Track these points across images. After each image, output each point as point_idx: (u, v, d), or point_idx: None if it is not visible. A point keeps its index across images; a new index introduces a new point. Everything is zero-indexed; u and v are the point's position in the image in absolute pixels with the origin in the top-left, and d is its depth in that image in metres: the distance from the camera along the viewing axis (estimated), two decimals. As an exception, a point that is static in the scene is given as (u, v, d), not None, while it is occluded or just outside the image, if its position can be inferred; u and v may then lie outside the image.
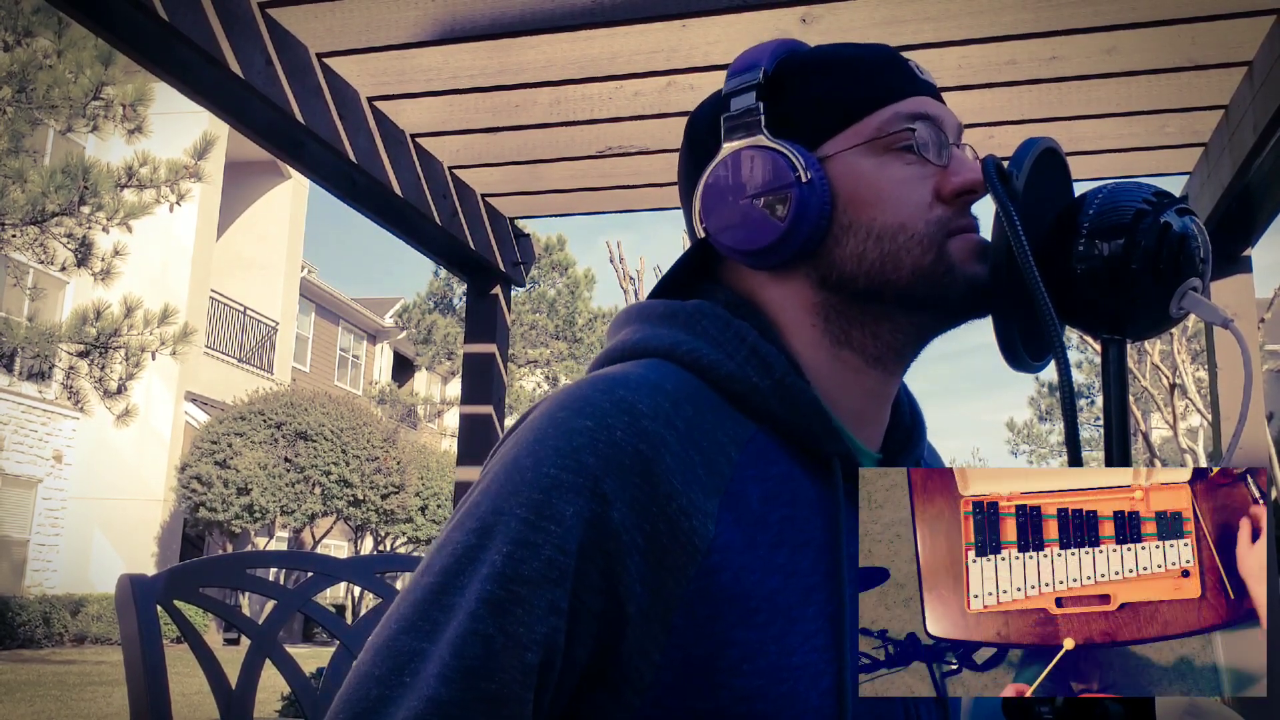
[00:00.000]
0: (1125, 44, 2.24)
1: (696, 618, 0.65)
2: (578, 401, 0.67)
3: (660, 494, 0.65)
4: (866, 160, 0.74)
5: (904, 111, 0.74)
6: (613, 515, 0.63)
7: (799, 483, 0.71)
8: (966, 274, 0.74)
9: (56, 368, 10.09)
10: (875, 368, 0.76)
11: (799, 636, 0.68)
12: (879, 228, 0.73)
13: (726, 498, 0.67)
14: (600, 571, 0.63)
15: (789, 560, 0.69)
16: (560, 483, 0.64)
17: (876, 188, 0.73)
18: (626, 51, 2.30)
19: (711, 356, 0.72)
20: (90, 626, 13.76)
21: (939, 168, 0.74)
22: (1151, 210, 0.70)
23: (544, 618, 0.62)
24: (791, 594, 0.68)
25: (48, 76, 8.62)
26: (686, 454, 0.67)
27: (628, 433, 0.65)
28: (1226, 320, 0.70)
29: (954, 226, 0.74)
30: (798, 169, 0.72)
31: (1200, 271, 0.70)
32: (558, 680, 0.64)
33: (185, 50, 1.94)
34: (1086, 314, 0.71)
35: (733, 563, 0.66)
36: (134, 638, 1.13)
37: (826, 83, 0.76)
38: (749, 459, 0.70)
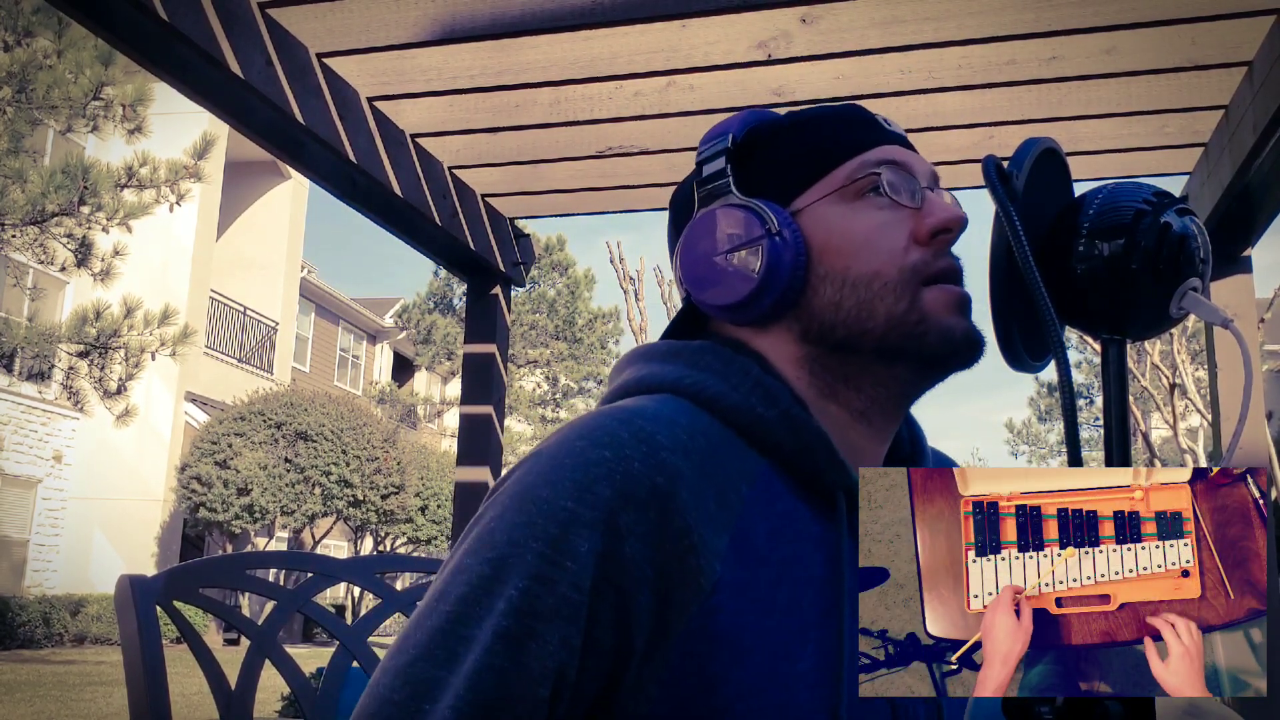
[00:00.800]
0: (1125, 44, 2.24)
1: (692, 656, 0.65)
2: (596, 431, 0.67)
3: (673, 529, 0.65)
4: (837, 209, 0.75)
5: (871, 159, 0.76)
6: (625, 550, 0.64)
7: (803, 520, 0.72)
8: (941, 325, 0.73)
9: (56, 368, 10.09)
10: (862, 423, 0.76)
11: (793, 675, 0.68)
12: (853, 276, 0.73)
13: (735, 535, 0.68)
14: (613, 607, 0.64)
15: (789, 598, 0.69)
16: (577, 517, 0.64)
17: (849, 235, 0.74)
18: (626, 51, 2.30)
19: (717, 388, 0.72)
20: (90, 627, 13.76)
21: (913, 210, 0.75)
22: (1151, 210, 0.70)
23: (556, 652, 0.63)
24: (788, 632, 0.68)
25: (48, 76, 8.62)
26: (701, 487, 0.67)
27: (645, 464, 0.65)
28: (1226, 320, 0.70)
29: (930, 272, 0.74)
30: (768, 222, 0.73)
31: (1200, 271, 0.70)
32: (566, 712, 0.65)
33: (185, 50, 1.94)
34: (1086, 314, 0.71)
35: (732, 605, 0.66)
36: (134, 638, 1.13)
37: (794, 141, 0.78)
38: (757, 494, 0.70)
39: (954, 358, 0.75)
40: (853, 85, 2.42)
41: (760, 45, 2.23)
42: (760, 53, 2.24)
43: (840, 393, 0.76)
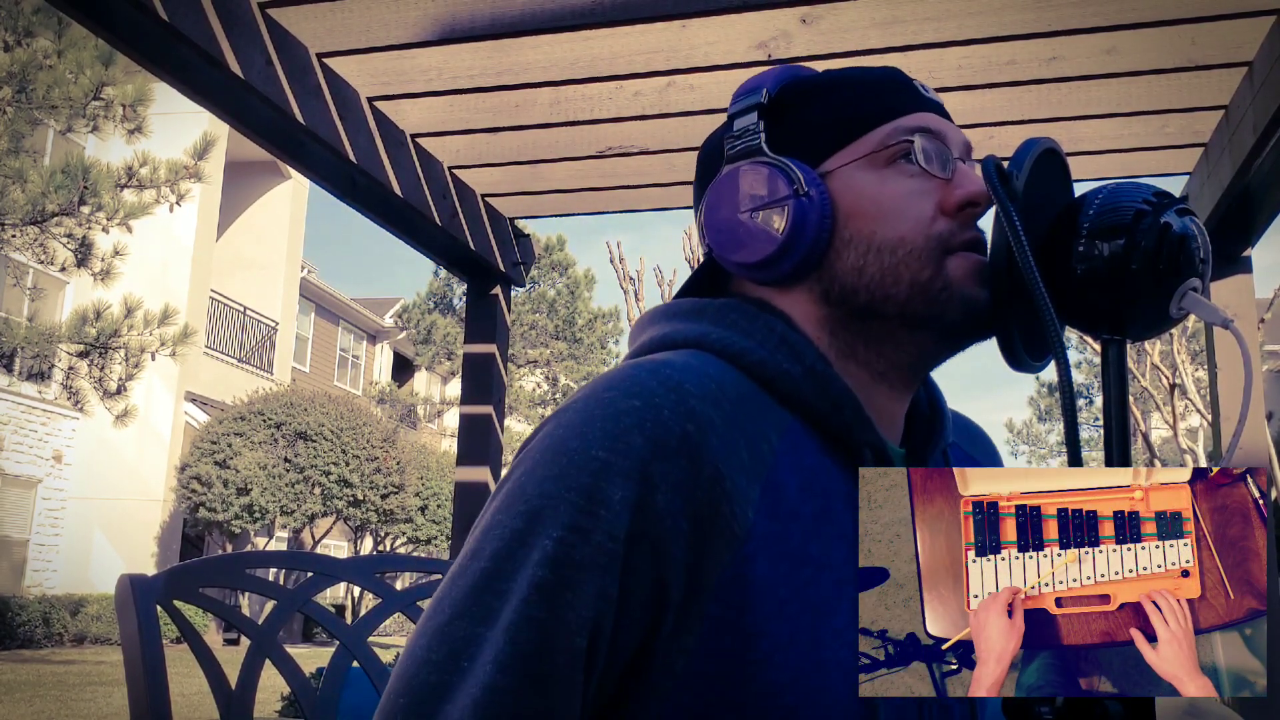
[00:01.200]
0: (1125, 44, 2.24)
1: (729, 607, 0.65)
2: (625, 382, 0.66)
3: (705, 478, 0.64)
4: (868, 174, 0.74)
5: (905, 125, 0.75)
6: (659, 500, 0.63)
7: (831, 475, 0.71)
8: (963, 294, 0.73)
9: (56, 368, 10.09)
10: (881, 384, 0.76)
11: (831, 631, 0.68)
12: (879, 241, 0.73)
13: (767, 485, 0.67)
14: (648, 559, 0.63)
15: (821, 553, 0.69)
16: (609, 466, 0.63)
17: (877, 201, 0.73)
18: (626, 51, 2.30)
19: (742, 344, 0.72)
20: (90, 626, 13.76)
21: (943, 181, 0.74)
22: (1151, 210, 0.70)
23: (593, 603, 0.62)
24: (823, 587, 0.68)
25: (48, 76, 8.62)
26: (732, 437, 0.66)
27: (675, 413, 0.65)
28: (1226, 320, 0.70)
29: (955, 242, 0.74)
30: (796, 181, 0.72)
31: (1200, 272, 0.70)
32: (604, 666, 0.64)
33: (185, 50, 1.94)
34: (1086, 314, 0.71)
35: (767, 552, 0.66)
36: (134, 638, 1.13)
37: (829, 101, 0.76)
38: (787, 447, 0.70)
39: (975, 328, 0.74)
40: (853, 85, 2.42)
41: (760, 45, 2.23)
42: (760, 53, 2.24)
43: (860, 354, 0.75)
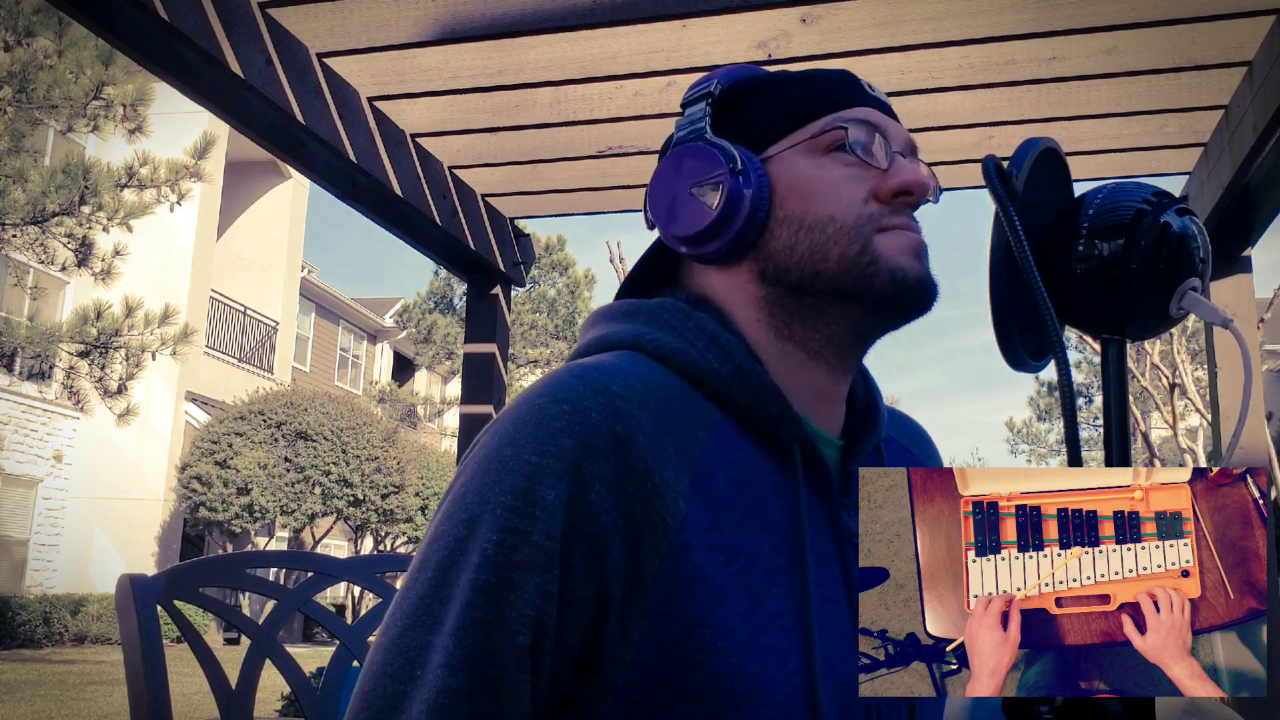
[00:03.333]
0: (1125, 44, 2.24)
1: (669, 597, 0.67)
2: (554, 388, 0.69)
3: (635, 474, 0.67)
4: (805, 159, 0.78)
5: (845, 116, 0.78)
6: (592, 498, 0.66)
7: (761, 468, 0.74)
8: (891, 266, 0.75)
9: (57, 367, 10.09)
10: (818, 362, 0.79)
11: (765, 617, 0.70)
12: (810, 220, 0.76)
13: (695, 478, 0.70)
14: (586, 558, 0.66)
15: (753, 543, 0.71)
16: (542, 469, 0.66)
17: (811, 184, 0.77)
18: (627, 51, 2.30)
19: (674, 345, 0.75)
20: (90, 626, 13.76)
21: (879, 170, 0.77)
22: (1151, 210, 0.70)
23: (533, 600, 0.65)
24: (756, 576, 0.70)
25: (48, 76, 8.62)
26: (659, 434, 0.69)
27: (603, 414, 0.67)
28: (1226, 320, 0.70)
29: (885, 224, 0.76)
30: (732, 162, 0.76)
31: (1200, 271, 0.70)
32: (551, 665, 0.66)
33: (185, 50, 1.94)
34: (1086, 314, 0.71)
35: (701, 542, 0.68)
36: (134, 638, 1.13)
37: (776, 95, 0.81)
38: (715, 442, 0.72)
39: (904, 300, 0.76)
40: (853, 85, 2.42)
41: (760, 45, 2.23)
42: (760, 53, 2.24)
43: (797, 332, 0.78)
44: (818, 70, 0.82)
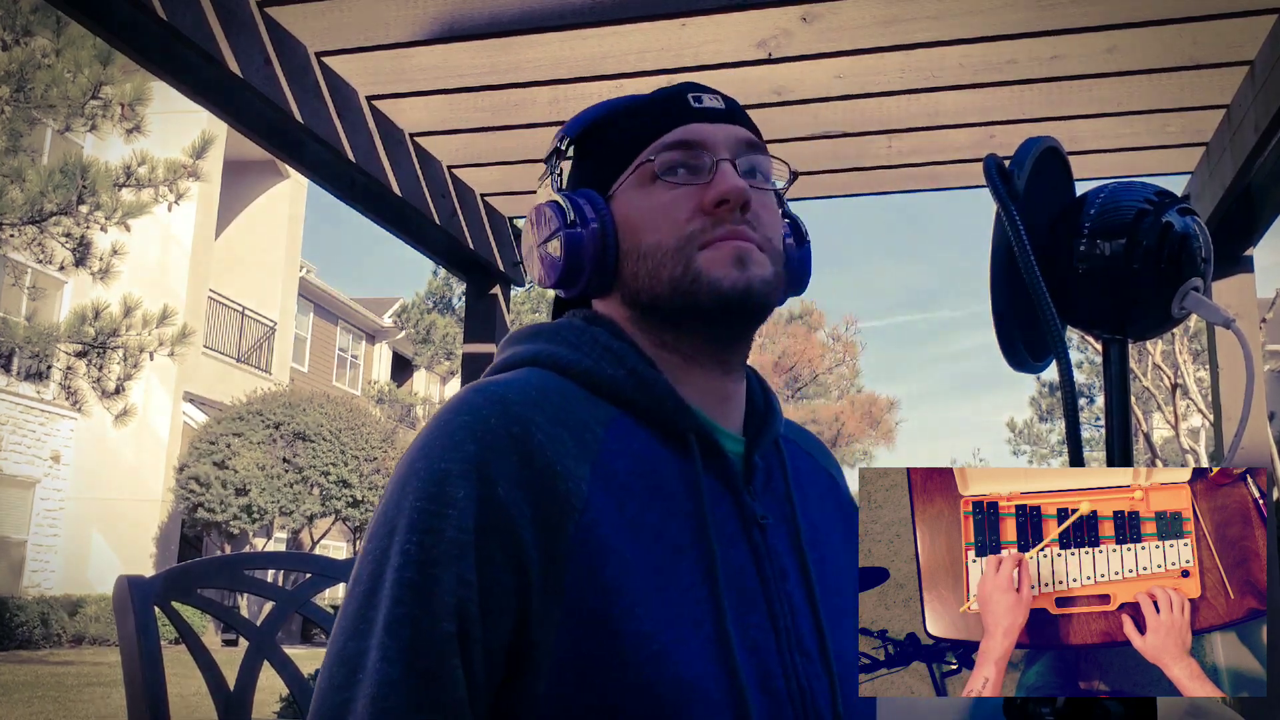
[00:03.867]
0: (1125, 43, 2.24)
1: (584, 570, 0.72)
2: (456, 405, 0.76)
3: (536, 467, 0.73)
4: (637, 193, 0.84)
5: (662, 142, 0.84)
6: (500, 493, 0.72)
7: (660, 457, 0.80)
8: (710, 280, 0.80)
9: (54, 368, 10.08)
10: (695, 366, 0.85)
11: (677, 589, 0.75)
12: (643, 248, 0.83)
13: (596, 466, 0.76)
14: (502, 547, 0.71)
15: (658, 523, 0.76)
16: (449, 472, 0.72)
17: (640, 214, 0.84)
18: (626, 51, 2.30)
19: (570, 357, 0.83)
20: (88, 627, 13.74)
21: (704, 185, 0.82)
22: (1153, 210, 0.70)
23: (454, 589, 0.70)
24: (663, 551, 0.76)
25: (46, 75, 8.61)
26: (556, 431, 0.76)
27: (501, 420, 0.74)
28: (1228, 320, 0.69)
29: (707, 239, 0.81)
30: (567, 215, 0.84)
31: (1201, 271, 0.70)
32: (484, 654, 0.71)
33: (184, 50, 1.94)
34: (1088, 314, 0.71)
35: (607, 519, 0.74)
36: (132, 639, 1.13)
37: (610, 134, 0.88)
38: (613, 436, 0.79)
39: (727, 311, 0.81)
40: (853, 85, 2.42)
41: (760, 44, 2.23)
42: (760, 52, 2.24)
43: (669, 343, 0.85)
44: (647, 96, 0.88)
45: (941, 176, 2.90)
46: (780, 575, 0.82)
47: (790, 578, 0.82)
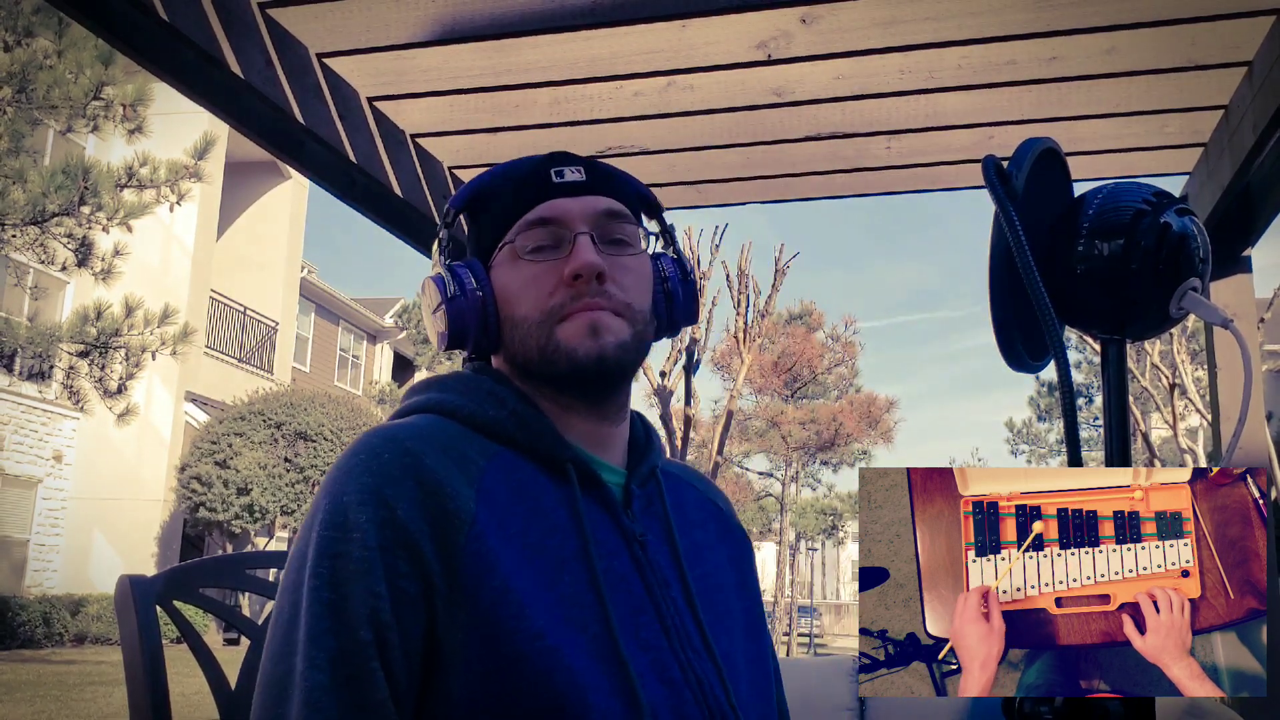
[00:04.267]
0: (1125, 44, 2.24)
1: (477, 576, 0.80)
2: (354, 446, 0.85)
3: (428, 489, 0.82)
4: (508, 267, 0.93)
5: (525, 221, 0.92)
6: (399, 514, 0.80)
7: (541, 486, 0.88)
8: (568, 351, 0.90)
9: (57, 367, 10.08)
10: (572, 413, 0.93)
11: (559, 597, 0.83)
12: (515, 318, 0.92)
13: (480, 488, 0.84)
14: (406, 561, 0.79)
15: (540, 540, 0.84)
16: (351, 502, 0.81)
17: (510, 288, 0.93)
18: (626, 51, 2.30)
19: (457, 402, 0.92)
20: (90, 626, 13.75)
21: (564, 258, 0.91)
22: (1151, 210, 0.70)
23: (365, 600, 0.78)
24: (546, 564, 0.84)
25: (48, 76, 8.61)
26: (443, 460, 0.84)
27: (393, 453, 0.83)
28: (1226, 320, 0.70)
29: (565, 312, 0.90)
30: (448, 288, 0.93)
31: (1200, 271, 0.70)
32: (404, 659, 0.78)
33: (185, 50, 1.94)
34: (1086, 314, 0.71)
35: (494, 532, 0.82)
36: (134, 638, 1.13)
37: (487, 209, 0.96)
38: (495, 467, 0.87)
39: (584, 379, 0.91)
40: (853, 85, 2.42)
41: (760, 45, 2.23)
42: (760, 53, 2.24)
43: (547, 395, 0.93)
44: (518, 169, 0.96)
45: (941, 177, 2.90)
46: (663, 584, 0.90)
47: (673, 586, 0.91)
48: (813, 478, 27.97)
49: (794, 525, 27.48)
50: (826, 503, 29.62)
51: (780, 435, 23.55)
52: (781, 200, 3.12)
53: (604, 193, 0.94)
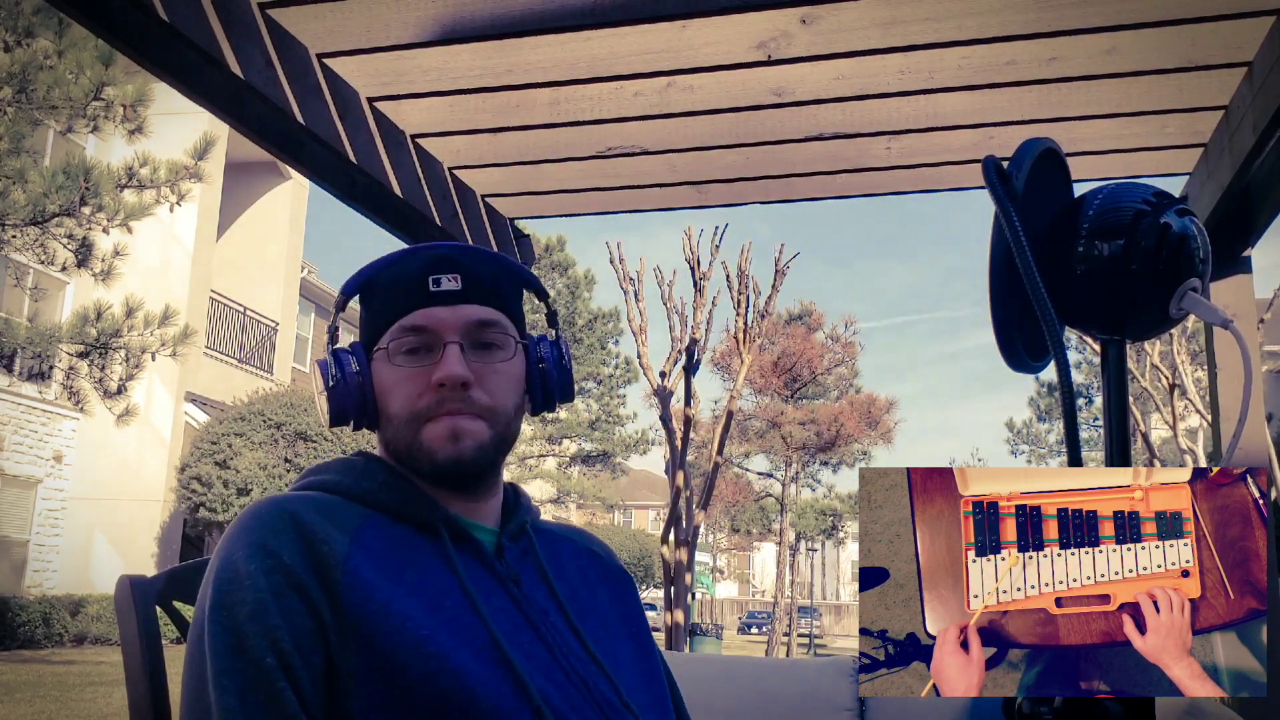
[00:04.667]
0: (1125, 44, 2.24)
1: (358, 603, 0.88)
2: (243, 514, 0.94)
3: (308, 538, 0.91)
4: (385, 364, 1.01)
5: (401, 325, 1.01)
6: (284, 560, 0.89)
7: (414, 543, 0.97)
8: (429, 451, 0.98)
9: (57, 368, 10.08)
10: (441, 489, 1.02)
11: (443, 619, 0.90)
12: (388, 413, 1.01)
13: (354, 539, 0.93)
14: (296, 598, 0.88)
15: (416, 581, 0.93)
16: (239, 556, 0.89)
17: (385, 384, 1.01)
18: (627, 52, 2.30)
19: (333, 479, 1.02)
20: (90, 627, 13.74)
21: (434, 365, 0.99)
22: (1151, 211, 0.70)
23: (264, 634, 0.86)
24: (426, 597, 0.92)
25: (48, 77, 8.61)
26: (320, 519, 0.93)
27: (274, 513, 0.92)
28: (1226, 321, 0.70)
29: (430, 414, 0.99)
30: (329, 378, 1.01)
31: (1200, 272, 0.70)
32: (309, 679, 0.86)
33: (185, 51, 1.94)
34: (1086, 314, 0.71)
35: (369, 568, 0.91)
36: (133, 638, 1.13)
37: (372, 303, 1.05)
38: (370, 525, 0.96)
39: (444, 477, 1.00)
40: (853, 85, 2.42)
41: (760, 45, 2.23)
42: (760, 53, 2.24)
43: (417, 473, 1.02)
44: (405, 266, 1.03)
45: (941, 178, 2.90)
46: (541, 612, 0.99)
47: (551, 614, 1.00)
48: (813, 478, 27.97)
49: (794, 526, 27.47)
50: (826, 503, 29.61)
51: (780, 436, 23.55)
52: (782, 201, 3.12)
53: (478, 300, 1.02)
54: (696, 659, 3.92)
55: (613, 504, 29.84)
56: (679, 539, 10.70)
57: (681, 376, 11.52)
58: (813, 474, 27.42)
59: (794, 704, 3.56)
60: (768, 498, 28.10)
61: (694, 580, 14.02)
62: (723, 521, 32.17)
